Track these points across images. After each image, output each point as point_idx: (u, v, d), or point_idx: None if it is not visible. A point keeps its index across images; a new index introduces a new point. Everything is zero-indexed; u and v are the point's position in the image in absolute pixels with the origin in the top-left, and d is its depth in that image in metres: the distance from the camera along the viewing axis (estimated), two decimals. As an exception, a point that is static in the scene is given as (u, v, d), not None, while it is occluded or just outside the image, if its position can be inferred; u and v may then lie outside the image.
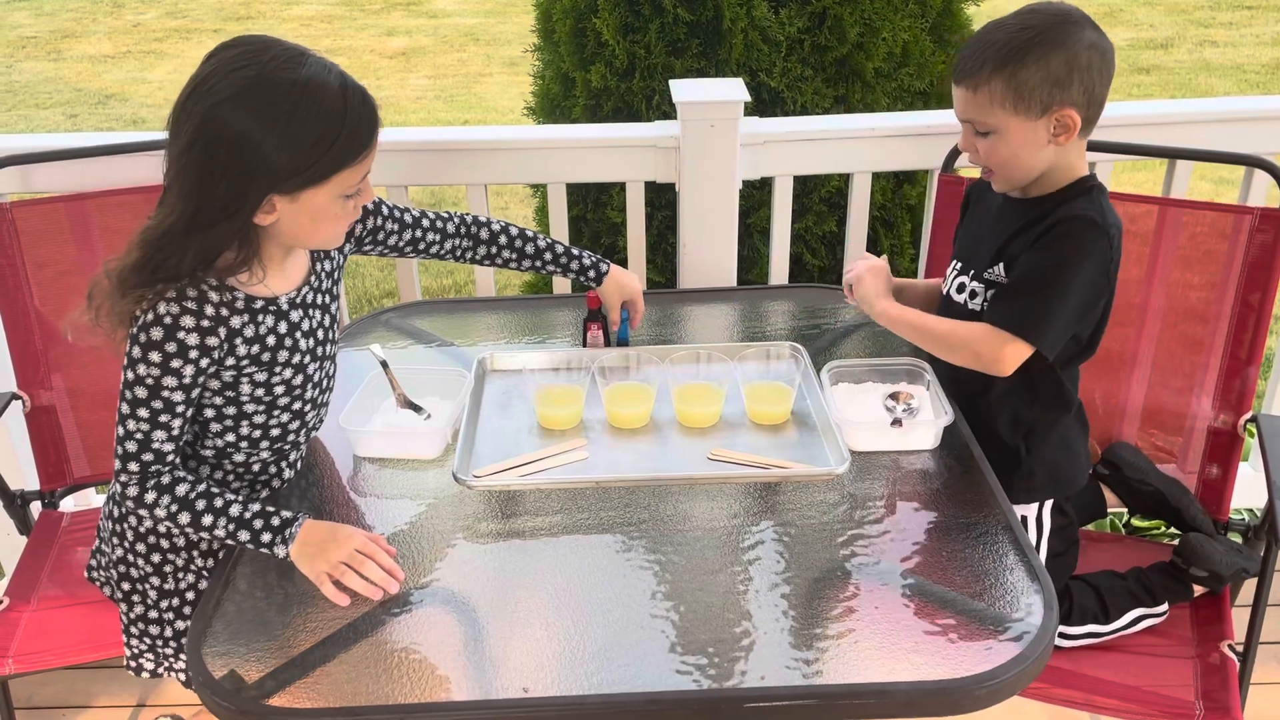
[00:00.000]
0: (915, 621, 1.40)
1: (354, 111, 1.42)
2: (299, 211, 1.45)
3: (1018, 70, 1.62)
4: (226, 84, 1.36)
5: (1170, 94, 7.51)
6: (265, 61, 1.37)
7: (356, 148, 1.43)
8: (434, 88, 8.45)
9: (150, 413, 1.48)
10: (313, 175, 1.41)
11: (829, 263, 2.89)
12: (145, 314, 1.45)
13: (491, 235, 1.93)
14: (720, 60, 2.64)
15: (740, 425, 1.80)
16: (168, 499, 1.51)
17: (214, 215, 1.41)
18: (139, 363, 1.46)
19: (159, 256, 1.43)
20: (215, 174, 1.38)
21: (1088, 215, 1.67)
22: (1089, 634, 1.89)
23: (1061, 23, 1.63)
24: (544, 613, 1.43)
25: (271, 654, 1.37)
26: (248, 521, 1.51)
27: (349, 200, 1.50)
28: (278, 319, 1.57)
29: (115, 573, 1.71)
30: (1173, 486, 2.04)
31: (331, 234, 1.54)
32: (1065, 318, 1.69)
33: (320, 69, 1.40)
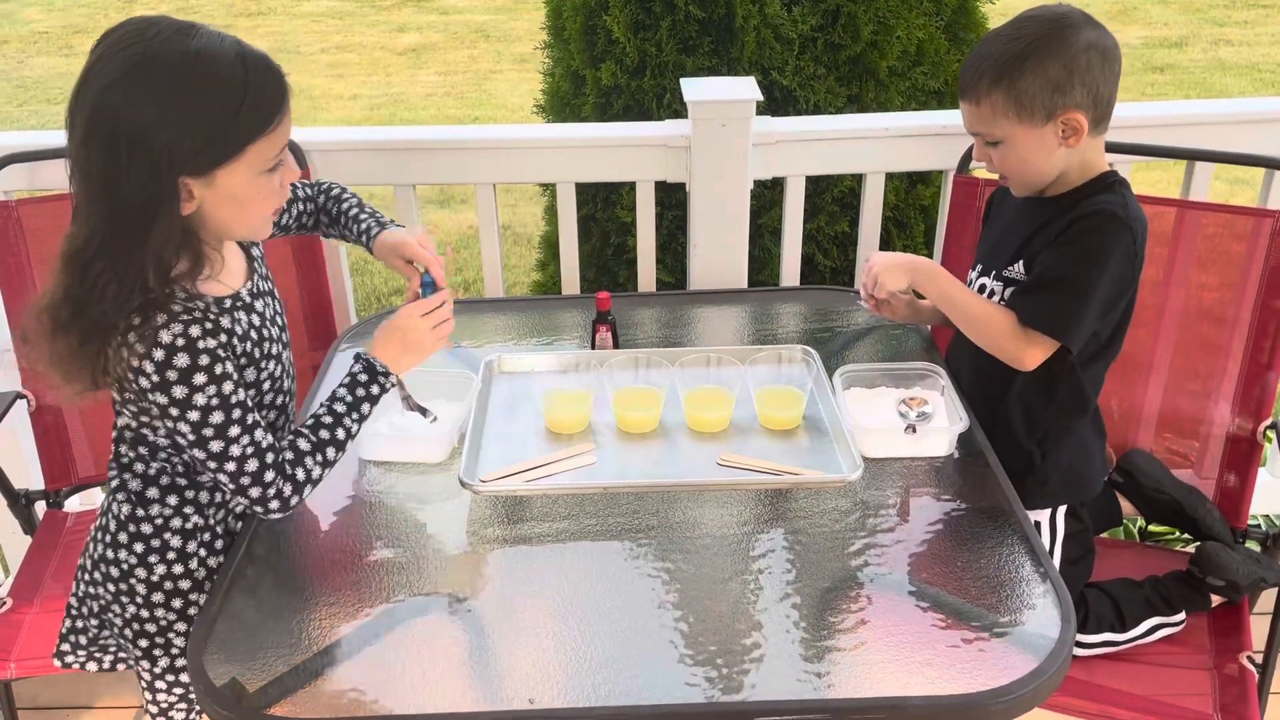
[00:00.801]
0: (929, 633, 1.37)
1: (256, 79, 1.33)
2: (218, 196, 1.37)
3: (1016, 80, 1.61)
4: (113, 66, 1.28)
5: (1184, 93, 7.45)
6: (151, 37, 1.29)
7: (264, 117, 1.35)
8: (444, 84, 8.43)
9: (240, 426, 1.42)
10: (222, 152, 1.33)
11: (841, 263, 2.86)
12: (151, 352, 1.35)
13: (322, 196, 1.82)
14: (732, 58, 2.61)
15: (751, 430, 1.78)
16: (309, 460, 1.48)
17: (135, 215, 1.31)
18: (194, 395, 1.37)
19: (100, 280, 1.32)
20: (120, 167, 1.28)
21: (1110, 209, 1.66)
22: (1105, 642, 1.86)
23: (1057, 27, 1.62)
24: (550, 621, 1.40)
25: (273, 662, 1.35)
26: (357, 401, 1.53)
27: (271, 176, 1.41)
28: (248, 313, 1.53)
29: (129, 633, 1.59)
30: (1189, 495, 2.01)
31: (260, 217, 1.46)
32: (1090, 313, 1.67)
33: (213, 39, 1.32)
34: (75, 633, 1.67)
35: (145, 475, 1.55)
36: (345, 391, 1.55)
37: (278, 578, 1.51)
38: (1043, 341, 1.68)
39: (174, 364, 1.36)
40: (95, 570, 1.60)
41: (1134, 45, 8.50)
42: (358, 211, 1.81)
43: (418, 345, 1.60)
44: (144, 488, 1.55)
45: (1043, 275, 1.70)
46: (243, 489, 1.44)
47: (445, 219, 5.82)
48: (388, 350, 1.58)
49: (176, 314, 1.37)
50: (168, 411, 1.39)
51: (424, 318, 1.60)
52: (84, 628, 1.66)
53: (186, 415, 1.39)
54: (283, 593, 1.48)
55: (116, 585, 1.58)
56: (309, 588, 1.48)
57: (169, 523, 1.55)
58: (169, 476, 1.55)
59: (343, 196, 1.83)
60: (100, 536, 1.59)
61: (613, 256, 2.80)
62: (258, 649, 1.37)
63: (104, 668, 1.69)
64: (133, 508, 1.55)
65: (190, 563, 1.57)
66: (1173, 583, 1.91)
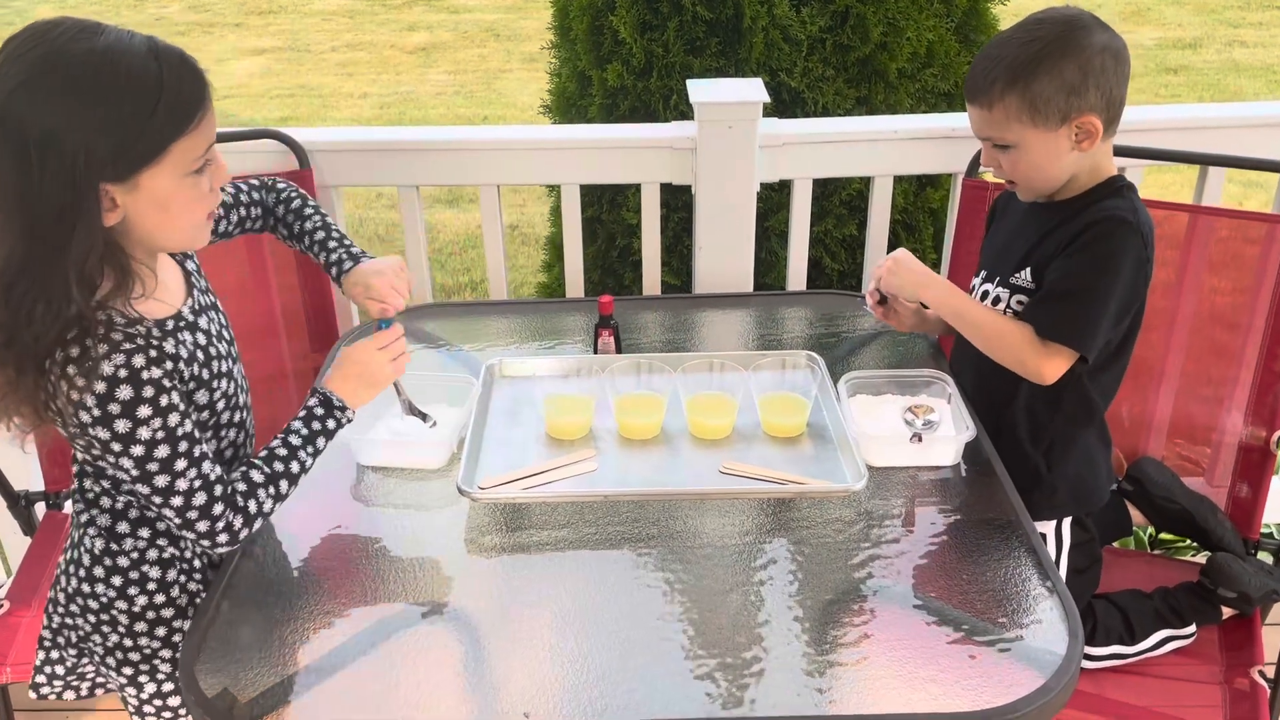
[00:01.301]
0: (933, 648, 1.34)
1: (172, 74, 1.25)
2: (143, 202, 1.28)
3: (1031, 83, 1.59)
4: (16, 70, 1.20)
5: (1198, 95, 7.40)
6: (54, 37, 1.22)
7: (183, 115, 1.26)
8: (454, 83, 8.42)
9: (187, 459, 1.35)
10: (141, 154, 1.25)
11: (849, 267, 2.83)
12: (93, 384, 1.27)
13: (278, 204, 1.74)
14: (740, 59, 2.59)
15: (754, 437, 1.75)
16: (261, 492, 1.43)
17: (52, 228, 1.22)
18: (138, 429, 1.30)
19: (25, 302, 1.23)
20: (32, 177, 1.20)
21: (1120, 214, 1.63)
22: (1113, 655, 1.83)
23: (1070, 29, 1.59)
24: (547, 633, 1.38)
25: (265, 673, 1.33)
26: (312, 435, 1.50)
27: (198, 179, 1.32)
28: (193, 332, 1.45)
29: (111, 661, 1.53)
30: (1200, 504, 1.98)
31: (189, 224, 1.36)
32: (1106, 321, 1.65)
33: (122, 37, 1.24)
34: (51, 663, 1.60)
35: (114, 510, 1.48)
36: (301, 425, 1.51)
37: (271, 586, 1.49)
38: (1062, 353, 1.66)
39: (116, 397, 1.28)
40: (71, 604, 1.53)
41: (1147, 46, 8.45)
42: (324, 236, 1.72)
43: (374, 378, 1.57)
44: (113, 522, 1.48)
45: (1057, 285, 1.67)
46: (190, 523, 1.38)
47: (454, 219, 5.81)
48: (346, 385, 1.55)
49: (118, 343, 1.29)
50: (109, 447, 1.31)
51: (380, 351, 1.58)
52: (60, 658, 1.59)
53: (130, 450, 1.31)
54: (276, 601, 1.46)
55: (97, 616, 1.51)
56: (302, 596, 1.46)
57: (144, 555, 1.49)
58: (137, 509, 1.48)
59: (303, 211, 1.74)
60: (74, 570, 1.52)
61: (618, 258, 2.78)
62: (250, 659, 1.35)
63: (81, 695, 1.64)
64: (105, 542, 1.49)
65: (172, 590, 1.51)
66: (1183, 594, 1.88)
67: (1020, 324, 1.69)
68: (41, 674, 1.61)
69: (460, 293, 5.03)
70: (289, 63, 9.02)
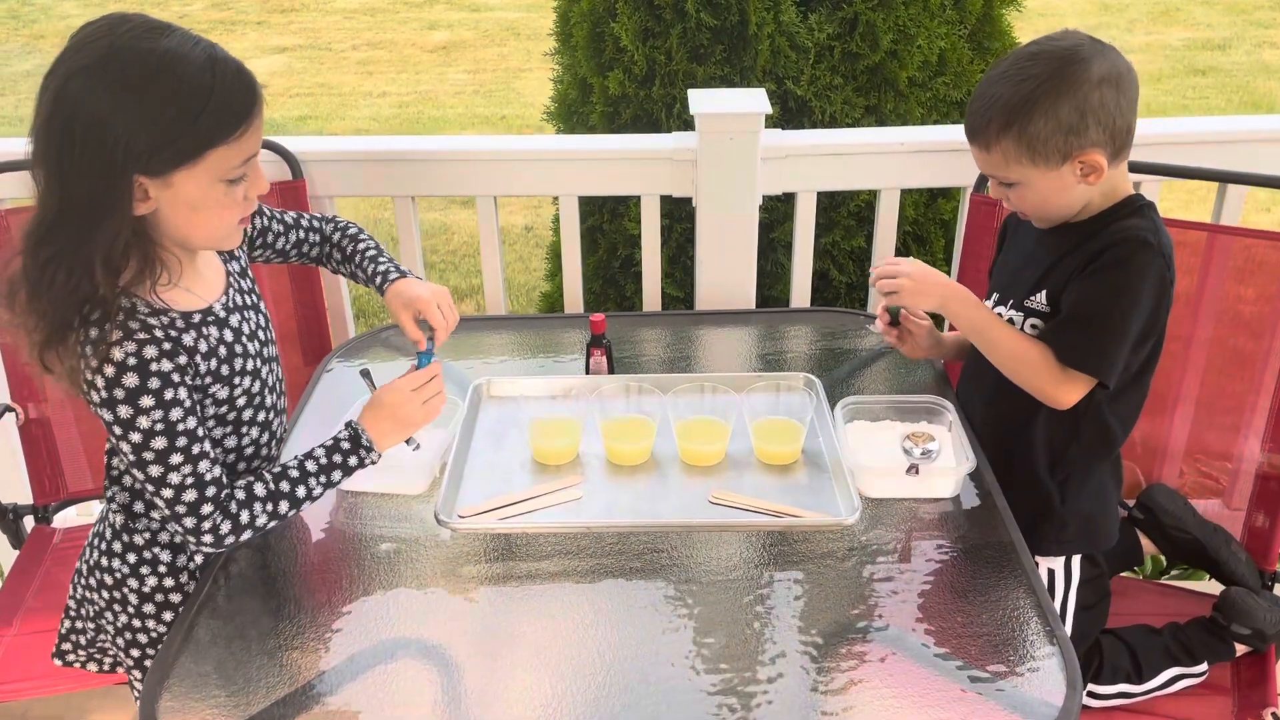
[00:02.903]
0: (925, 696, 1.28)
1: (224, 84, 1.30)
2: (175, 200, 1.33)
3: (1026, 125, 1.52)
4: (79, 57, 1.27)
5: (1226, 97, 7.25)
6: (121, 33, 1.28)
7: (228, 123, 1.31)
8: (473, 83, 8.38)
9: (183, 454, 1.38)
10: (178, 154, 1.29)
11: (857, 279, 2.76)
12: (103, 367, 1.32)
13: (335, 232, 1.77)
14: (745, 67, 2.52)
15: (747, 465, 1.69)
16: (258, 506, 1.43)
17: (84, 207, 1.28)
18: (138, 417, 1.34)
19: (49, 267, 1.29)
20: (74, 155, 1.26)
21: (1141, 235, 1.56)
22: (1120, 694, 1.76)
23: (1065, 65, 1.51)
24: (526, 671, 1.33)
25: (231, 711, 1.28)
26: (330, 466, 1.49)
27: (233, 188, 1.36)
28: (221, 328, 1.47)
29: (120, 641, 1.59)
30: (1212, 535, 1.90)
31: (219, 227, 1.40)
32: (1125, 347, 1.59)
33: (185, 41, 1.29)
34: (75, 633, 1.67)
35: (132, 488, 1.54)
36: (323, 453, 1.50)
37: (241, 618, 1.44)
38: (1080, 379, 1.60)
39: (122, 383, 1.33)
40: (90, 576, 1.59)
41: (1175, 47, 8.30)
42: (375, 254, 1.75)
43: (407, 420, 1.55)
44: (131, 500, 1.54)
45: (1076, 310, 1.60)
46: (176, 516, 1.40)
47: (468, 219, 5.76)
48: (377, 425, 1.53)
49: (133, 331, 1.34)
50: (111, 429, 1.37)
51: (415, 392, 1.56)
52: (83, 629, 1.66)
53: (129, 436, 1.36)
54: (245, 635, 1.41)
55: (110, 593, 1.57)
56: (272, 629, 1.41)
57: (156, 536, 1.55)
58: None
59: (360, 236, 1.78)
60: (96, 543, 1.59)
61: (620, 269, 2.72)
62: (217, 694, 1.31)
63: (104, 669, 1.70)
64: (124, 518, 1.55)
65: (180, 576, 1.56)
66: (1195, 630, 1.80)
67: (1041, 346, 1.62)
68: (67, 641, 1.68)
69: (474, 295, 4.99)
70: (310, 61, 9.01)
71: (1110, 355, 1.58)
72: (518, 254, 5.36)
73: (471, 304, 4.89)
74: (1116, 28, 8.74)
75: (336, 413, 1.79)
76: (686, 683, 1.30)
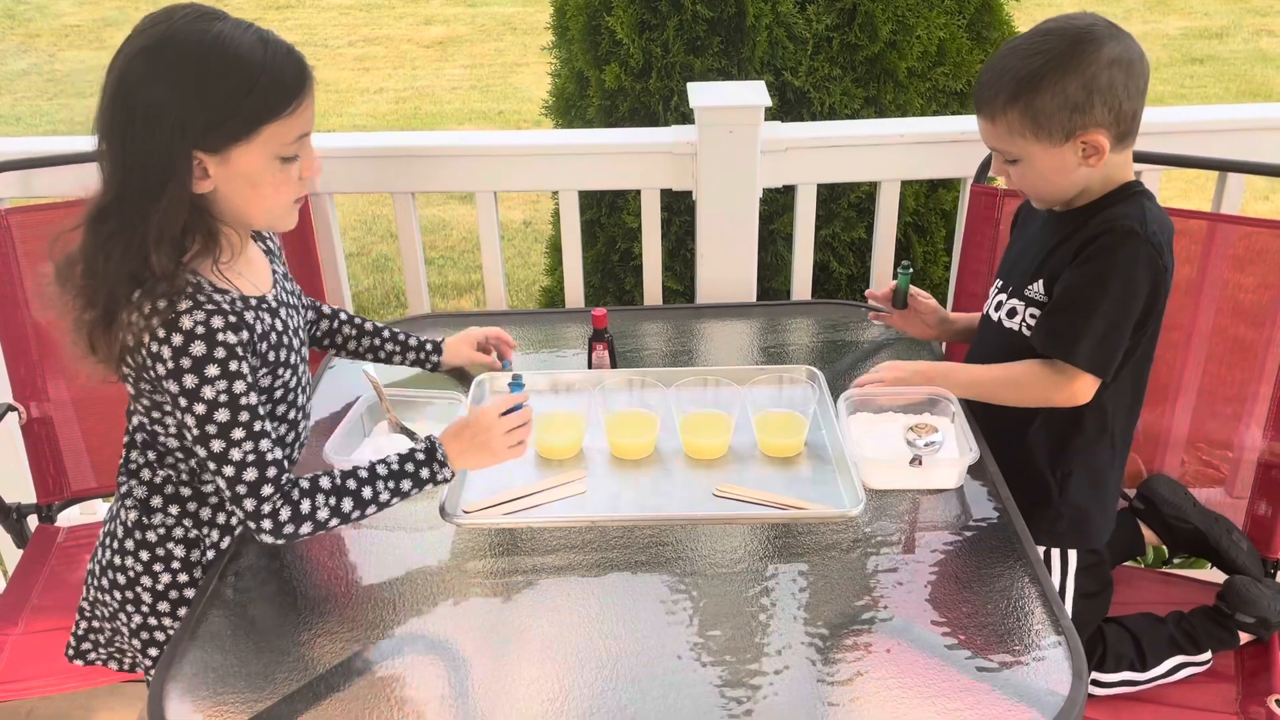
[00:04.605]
0: (930, 688, 1.28)
1: (275, 60, 1.36)
2: (233, 176, 1.38)
3: (1033, 99, 1.53)
4: (140, 40, 1.34)
5: (1224, 85, 7.25)
6: (177, 19, 1.35)
7: (281, 98, 1.36)
8: (470, 78, 8.37)
9: (245, 430, 1.39)
10: (235, 128, 1.35)
11: (858, 270, 2.76)
12: (170, 336, 1.35)
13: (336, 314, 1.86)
14: (743, 59, 2.52)
15: (750, 457, 1.69)
16: (321, 498, 1.42)
17: (145, 182, 1.33)
18: (203, 387, 1.36)
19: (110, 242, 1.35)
20: (135, 133, 1.32)
21: (1125, 225, 1.57)
22: (1124, 682, 1.76)
23: (1077, 43, 1.52)
24: (533, 665, 1.33)
25: (238, 708, 1.29)
26: (401, 473, 1.47)
27: (288, 165, 1.41)
28: (272, 316, 1.51)
29: (136, 642, 1.61)
30: (1213, 525, 1.90)
31: (276, 205, 1.44)
32: (1118, 336, 1.59)
33: (237, 26, 1.36)
34: (93, 632, 1.69)
35: (151, 483, 1.55)
36: (396, 460, 1.49)
37: (246, 616, 1.44)
38: (1085, 378, 1.61)
39: (190, 351, 1.36)
40: (103, 576, 1.60)
41: (1173, 36, 8.29)
42: (392, 334, 1.88)
43: (486, 446, 1.52)
44: (149, 495, 1.55)
45: (1060, 300, 1.62)
46: (238, 498, 1.40)
47: (467, 214, 5.76)
48: (458, 444, 1.51)
49: (201, 303, 1.37)
50: (177, 401, 1.38)
51: (501, 418, 1.52)
52: (100, 628, 1.67)
53: (193, 407, 1.37)
54: (250, 633, 1.41)
55: (123, 593, 1.58)
56: (278, 628, 1.41)
57: (171, 532, 1.55)
58: (174, 485, 1.55)
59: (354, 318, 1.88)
60: (108, 542, 1.59)
61: (619, 262, 2.72)
62: (224, 689, 1.31)
63: (124, 668, 1.70)
64: (139, 515, 1.56)
65: (194, 572, 1.57)
66: (1198, 619, 1.80)
67: (1027, 363, 1.65)
68: (87, 641, 1.70)
69: (474, 290, 4.98)
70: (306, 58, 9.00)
71: (1098, 346, 1.59)
72: (516, 249, 5.36)
73: (471, 299, 4.89)
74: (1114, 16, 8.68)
75: (339, 410, 1.79)
76: (692, 675, 1.31)
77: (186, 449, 1.51)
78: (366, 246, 5.45)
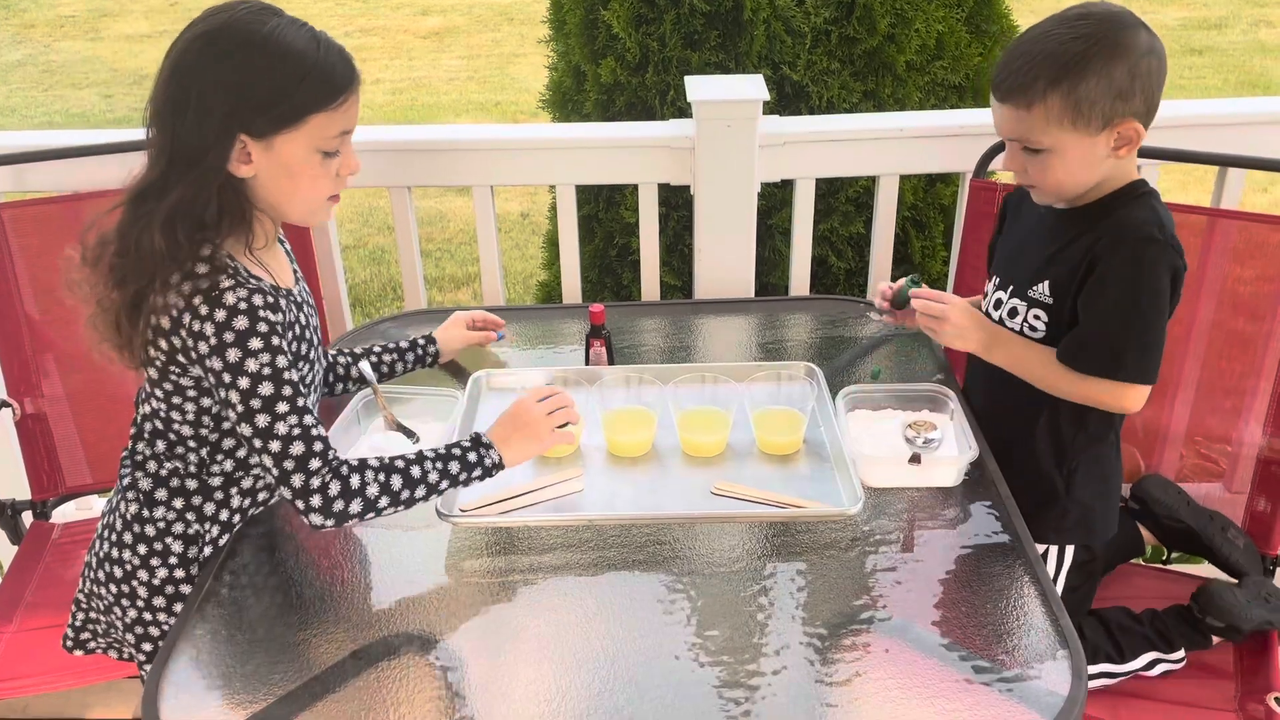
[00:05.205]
0: (929, 688, 1.27)
1: (326, 57, 1.40)
2: (275, 163, 1.41)
3: (1078, 84, 1.47)
4: (201, 28, 1.38)
5: (1223, 76, 7.23)
6: (239, 12, 1.39)
7: (329, 91, 1.40)
8: (467, 69, 8.35)
9: (290, 405, 1.39)
10: (283, 115, 1.38)
11: (856, 265, 2.75)
12: (213, 311, 1.37)
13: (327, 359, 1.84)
14: (740, 53, 2.50)
15: (748, 455, 1.69)
16: (369, 474, 1.42)
17: (191, 161, 1.37)
18: (247, 360, 1.37)
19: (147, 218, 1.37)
20: (186, 112, 1.36)
21: (1145, 233, 1.54)
22: (1103, 673, 1.75)
23: (1118, 27, 1.48)
24: (529, 665, 1.32)
25: (233, 707, 1.28)
26: (447, 456, 1.48)
27: (328, 161, 1.44)
28: (298, 309, 1.53)
29: (131, 637, 1.60)
30: (1207, 524, 1.90)
31: (312, 198, 1.47)
32: (1155, 345, 1.58)
33: (293, 24, 1.40)
34: (91, 623, 1.68)
35: (156, 475, 1.55)
36: (442, 445, 1.51)
37: (242, 614, 1.43)
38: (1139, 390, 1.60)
39: (233, 325, 1.37)
40: (100, 569, 1.60)
41: (1171, 27, 8.27)
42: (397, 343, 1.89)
43: (530, 429, 1.54)
44: (153, 488, 1.55)
45: (1100, 323, 1.58)
46: (285, 475, 1.39)
47: (464, 206, 5.74)
48: (500, 430, 1.54)
49: (243, 280, 1.40)
50: (221, 378, 1.39)
51: (539, 403, 1.56)
52: (97, 619, 1.67)
53: (237, 382, 1.38)
54: (245, 630, 1.40)
55: (119, 587, 1.57)
56: (273, 626, 1.40)
57: (171, 527, 1.54)
58: (179, 478, 1.54)
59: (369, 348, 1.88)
60: (106, 534, 1.59)
61: (617, 258, 2.71)
62: (216, 692, 1.31)
63: (124, 658, 1.70)
64: (140, 507, 1.55)
65: (191, 568, 1.56)
66: (1171, 619, 1.78)
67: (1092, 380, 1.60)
68: (86, 630, 1.69)
69: (471, 283, 4.97)
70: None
71: (1148, 359, 1.57)
72: (514, 241, 5.34)
73: (468, 292, 4.87)
74: (1112, 7, 8.71)
75: (337, 405, 1.78)
76: (690, 675, 1.30)
77: (200, 437, 1.52)
78: (363, 239, 5.43)
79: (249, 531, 1.58)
